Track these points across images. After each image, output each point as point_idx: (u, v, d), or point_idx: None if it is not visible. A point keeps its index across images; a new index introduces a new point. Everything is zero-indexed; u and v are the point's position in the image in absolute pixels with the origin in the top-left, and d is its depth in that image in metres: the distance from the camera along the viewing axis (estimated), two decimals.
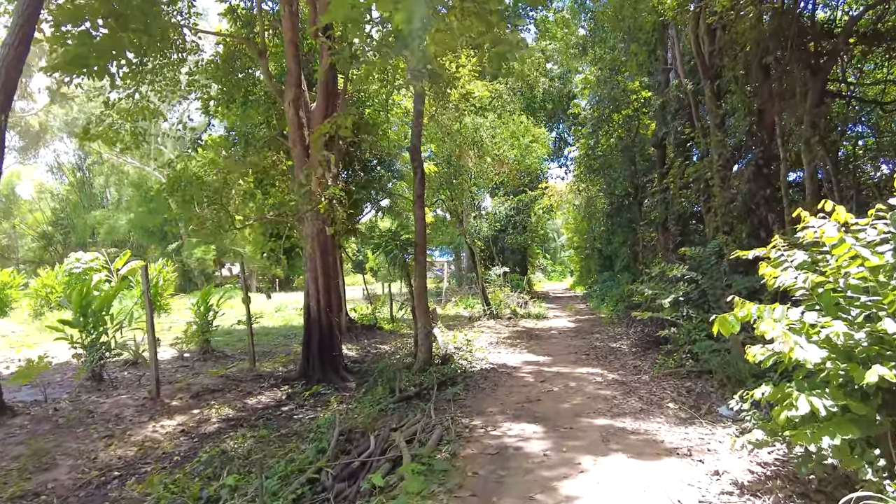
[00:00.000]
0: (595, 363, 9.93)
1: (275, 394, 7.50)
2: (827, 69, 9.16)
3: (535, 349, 11.77)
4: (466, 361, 10.01)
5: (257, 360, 9.44)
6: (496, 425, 6.08)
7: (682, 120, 15.93)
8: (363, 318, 14.66)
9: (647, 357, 9.93)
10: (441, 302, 23.40)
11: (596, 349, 11.41)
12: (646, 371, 8.83)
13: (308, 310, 8.33)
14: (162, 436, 5.57)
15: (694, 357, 8.38)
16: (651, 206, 15.78)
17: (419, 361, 8.92)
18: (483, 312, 17.77)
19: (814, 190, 9.16)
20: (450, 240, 19.23)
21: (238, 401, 7.09)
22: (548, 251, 51.84)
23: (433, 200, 18.15)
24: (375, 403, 6.70)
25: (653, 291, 9.57)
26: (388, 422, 5.99)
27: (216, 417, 6.33)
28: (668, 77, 17.60)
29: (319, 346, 8.21)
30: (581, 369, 9.35)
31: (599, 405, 6.90)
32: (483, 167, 17.71)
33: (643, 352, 10.54)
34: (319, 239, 8.24)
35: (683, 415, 6.37)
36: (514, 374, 9.10)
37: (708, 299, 9.08)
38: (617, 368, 9.28)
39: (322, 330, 8.22)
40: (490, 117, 15.84)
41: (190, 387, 7.43)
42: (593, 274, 32.33)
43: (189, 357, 9.87)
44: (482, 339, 13.01)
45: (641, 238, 18.03)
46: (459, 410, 6.71)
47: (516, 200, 18.67)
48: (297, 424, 6.07)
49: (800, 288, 4.68)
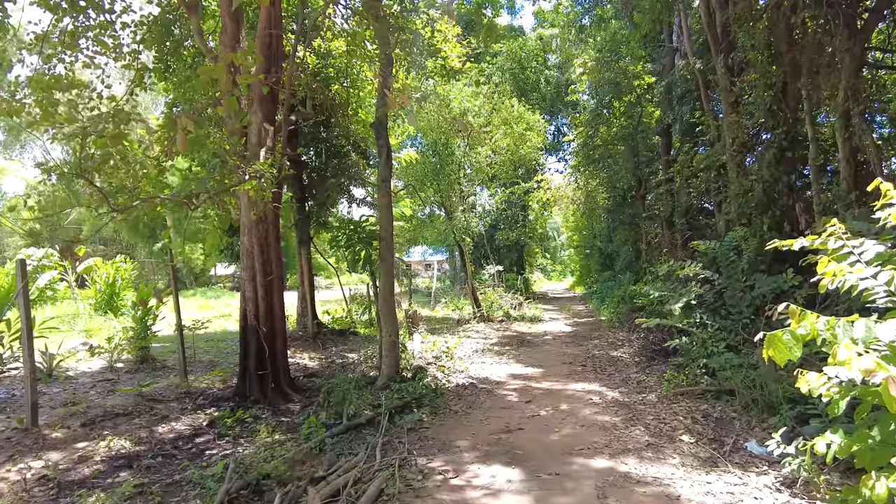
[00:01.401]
0: (592, 377, 8.52)
1: (197, 418, 6.09)
2: (869, 29, 7.73)
3: (524, 358, 10.35)
4: (443, 374, 8.60)
5: (195, 373, 8.05)
6: (460, 470, 4.66)
7: (689, 104, 14.54)
8: (337, 321, 13.24)
9: (652, 370, 8.52)
10: (430, 303, 22.01)
11: (594, 359, 9.99)
12: (652, 388, 7.41)
13: (244, 315, 6.92)
14: (9, 485, 4.17)
15: (710, 373, 6.96)
16: (655, 199, 14.36)
17: (383, 376, 7.52)
18: (473, 315, 16.35)
19: (851, 173, 7.72)
20: (443, 237, 17.79)
21: (145, 428, 5.68)
22: (547, 250, 50.56)
23: (419, 195, 16.75)
24: (313, 435, 5.29)
25: (659, 293, 8.14)
26: (317, 465, 4.58)
27: (103, 454, 4.93)
28: (673, 59, 16.19)
29: (258, 360, 6.80)
30: (576, 385, 7.93)
31: (596, 437, 5.49)
32: (474, 157, 16.30)
33: (648, 363, 9.13)
34: (258, 230, 6.84)
35: (703, 453, 4.95)
36: (495, 391, 7.68)
37: (725, 303, 7.67)
38: (618, 384, 7.86)
39: (261, 340, 6.81)
40: (479, 100, 14.44)
41: (87, 411, 6.02)
42: (593, 273, 31.00)
43: (119, 369, 8.47)
44: (466, 345, 11.60)
45: (645, 234, 16.59)
46: (418, 445, 5.30)
47: (508, 193, 17.21)
48: (201, 466, 4.66)
49: (876, 291, 3.30)
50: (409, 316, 12.54)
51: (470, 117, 14.33)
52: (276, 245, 7.09)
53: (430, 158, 15.34)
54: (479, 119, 15.24)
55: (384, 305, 7.67)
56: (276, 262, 7.08)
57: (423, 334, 12.31)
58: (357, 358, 9.75)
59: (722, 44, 10.97)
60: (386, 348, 7.56)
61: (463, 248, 16.52)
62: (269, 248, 6.99)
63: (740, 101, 10.93)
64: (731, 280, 7.61)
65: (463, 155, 15.21)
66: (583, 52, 18.38)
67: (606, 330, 13.67)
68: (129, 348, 8.92)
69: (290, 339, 11.22)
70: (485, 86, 14.62)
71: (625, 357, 9.99)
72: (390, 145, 7.79)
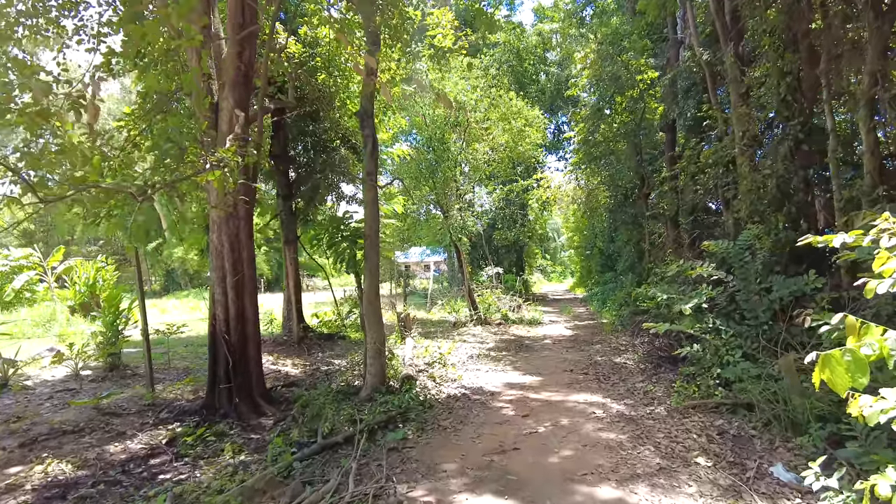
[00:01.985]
0: (595, 386, 7.90)
1: (157, 435, 5.47)
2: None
3: (522, 365, 9.73)
4: (435, 383, 7.99)
5: (166, 381, 7.43)
6: (444, 501, 4.05)
7: (695, 97, 13.94)
8: (326, 325, 12.61)
9: (660, 378, 7.90)
10: (427, 305, 21.39)
11: (596, 366, 9.37)
12: (660, 400, 6.80)
13: (213, 320, 6.30)
14: None
15: (725, 384, 6.35)
16: (659, 198, 13.73)
17: (367, 387, 6.91)
18: (470, 318, 15.73)
19: (876, 166, 7.11)
20: (439, 237, 17.13)
21: (94, 448, 5.06)
22: (547, 251, 49.95)
23: (412, 193, 16.14)
24: (281, 457, 4.67)
25: (667, 296, 7.52)
26: (278, 496, 3.96)
27: (37, 481, 4.31)
28: (677, 52, 15.59)
29: (228, 369, 6.18)
30: (577, 396, 7.31)
31: (601, 459, 4.87)
32: (471, 154, 15.69)
33: (655, 370, 8.52)
34: (228, 227, 6.23)
35: (723, 479, 4.34)
36: (489, 403, 7.06)
37: (739, 306, 7.05)
38: (623, 395, 7.24)
39: (231, 347, 6.19)
40: (476, 94, 13.83)
41: (31, 427, 5.40)
42: (594, 275, 30.37)
43: (85, 377, 7.85)
44: (461, 351, 10.98)
45: (648, 234, 15.96)
46: (399, 469, 4.68)
47: (506, 191, 16.54)
48: (145, 497, 4.04)
49: None
50: (402, 319, 11.93)
51: (467, 111, 13.72)
52: (248, 243, 6.46)
53: (425, 155, 14.73)
54: (476, 114, 14.63)
55: (369, 309, 7.05)
56: (249, 262, 6.45)
57: (416, 338, 11.70)
58: (343, 365, 9.13)
59: (731, 32, 10.37)
60: (371, 356, 6.95)
61: (459, 248, 15.89)
62: (241, 246, 6.37)
63: (750, 93, 10.33)
64: (746, 282, 7.00)
65: (459, 151, 14.58)
66: (584, 47, 17.79)
67: (608, 334, 13.05)
68: (98, 354, 8.30)
69: (274, 345, 10.62)
70: (482, 79, 13.97)
71: (629, 364, 9.38)
72: (376, 136, 7.18)
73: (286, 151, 11.43)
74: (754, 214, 8.84)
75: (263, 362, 9.34)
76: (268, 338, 11.26)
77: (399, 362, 8.22)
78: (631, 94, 16.19)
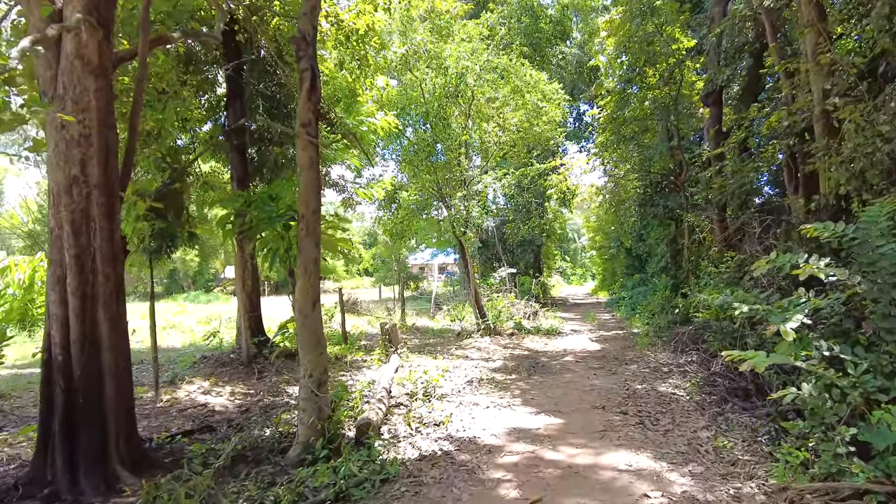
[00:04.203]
0: (639, 437, 5.45)
1: None
2: None
3: (536, 396, 7.33)
4: (409, 429, 5.65)
5: (10, 428, 5.24)
6: None
7: (749, 60, 11.41)
8: (292, 338, 10.30)
9: (730, 422, 5.50)
10: (430, 311, 19.07)
11: (636, 399, 6.92)
12: (744, 465, 4.38)
13: (48, 349, 4.08)
14: None
15: (863, 451, 3.88)
16: (705, 185, 11.21)
17: (297, 444, 4.61)
18: (476, 327, 13.34)
19: None
20: (441, 232, 14.79)
21: None
22: (567, 252, 47.23)
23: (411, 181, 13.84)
24: None
25: (749, 307, 5.01)
26: None
27: None
28: (724, 8, 13.04)
29: (69, 420, 3.95)
30: (615, 455, 4.89)
31: None
32: (477, 134, 13.34)
33: (719, 408, 6.09)
34: (71, 197, 4.01)
35: None
36: (481, 469, 4.68)
37: (873, 323, 4.55)
38: (684, 455, 4.79)
39: (73, 385, 3.96)
40: (482, 59, 11.47)
41: None
42: (619, 277, 27.74)
43: None
44: (459, 373, 8.62)
45: (689, 229, 13.36)
46: None
47: (518, 175, 14.10)
48: None
49: None
50: (387, 331, 9.62)
51: (470, 80, 11.36)
52: (108, 225, 4.22)
53: (422, 134, 12.42)
54: (481, 86, 12.26)
55: (302, 325, 4.74)
56: (109, 256, 4.21)
57: (403, 355, 9.38)
58: (294, 396, 6.84)
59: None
60: (303, 397, 4.64)
61: (464, 243, 13.51)
62: (94, 229, 4.13)
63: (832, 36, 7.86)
64: (881, 285, 4.49)
65: (462, 129, 12.21)
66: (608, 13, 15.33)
67: (643, 348, 10.53)
68: None
69: (215, 366, 8.40)
70: (490, 40, 11.63)
71: (679, 395, 6.91)
72: (317, 68, 4.88)
73: (243, 127, 9.22)
74: (862, 186, 6.33)
75: (190, 391, 7.11)
76: (209, 355, 9.07)
77: (359, 396, 5.90)
78: (665, 63, 13.64)
